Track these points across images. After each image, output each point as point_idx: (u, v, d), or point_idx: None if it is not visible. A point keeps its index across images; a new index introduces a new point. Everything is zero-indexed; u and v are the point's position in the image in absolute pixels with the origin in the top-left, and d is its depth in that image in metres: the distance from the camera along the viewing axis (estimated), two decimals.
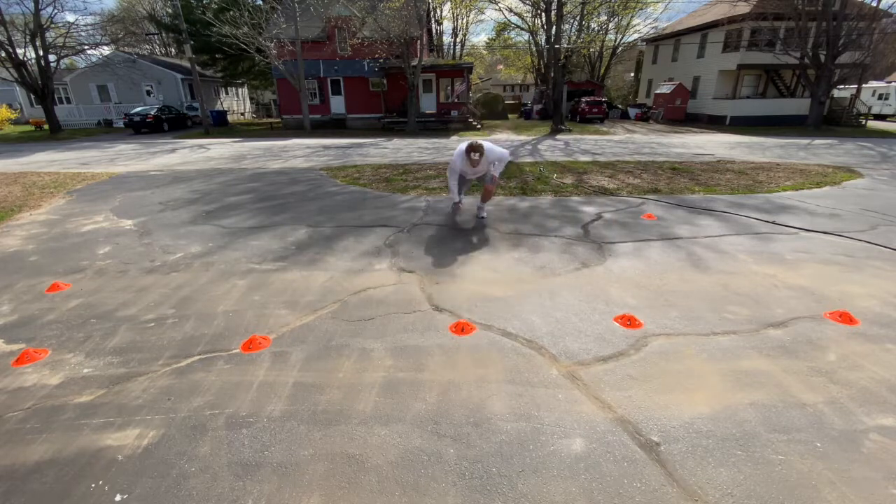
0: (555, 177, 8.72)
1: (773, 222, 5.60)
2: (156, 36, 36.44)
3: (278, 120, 27.31)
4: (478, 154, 5.07)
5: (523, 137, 17.74)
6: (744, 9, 21.68)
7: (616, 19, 30.59)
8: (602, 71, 36.71)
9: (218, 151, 14.13)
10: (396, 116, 22.11)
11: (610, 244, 4.78)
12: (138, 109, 22.40)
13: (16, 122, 27.84)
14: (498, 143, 6.02)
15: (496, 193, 7.23)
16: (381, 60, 21.27)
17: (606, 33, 32.78)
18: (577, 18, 23.78)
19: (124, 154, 13.65)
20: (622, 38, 35.17)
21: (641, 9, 27.82)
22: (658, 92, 27.32)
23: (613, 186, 7.79)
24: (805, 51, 19.89)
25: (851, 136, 18.43)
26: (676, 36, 28.71)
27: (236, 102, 36.36)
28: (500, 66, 49.40)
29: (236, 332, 3.03)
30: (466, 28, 40.38)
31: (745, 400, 2.33)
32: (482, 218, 5.76)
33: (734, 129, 21.65)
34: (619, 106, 32.59)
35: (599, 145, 14.91)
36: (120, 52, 25.43)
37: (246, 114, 37.54)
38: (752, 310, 3.29)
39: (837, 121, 22.57)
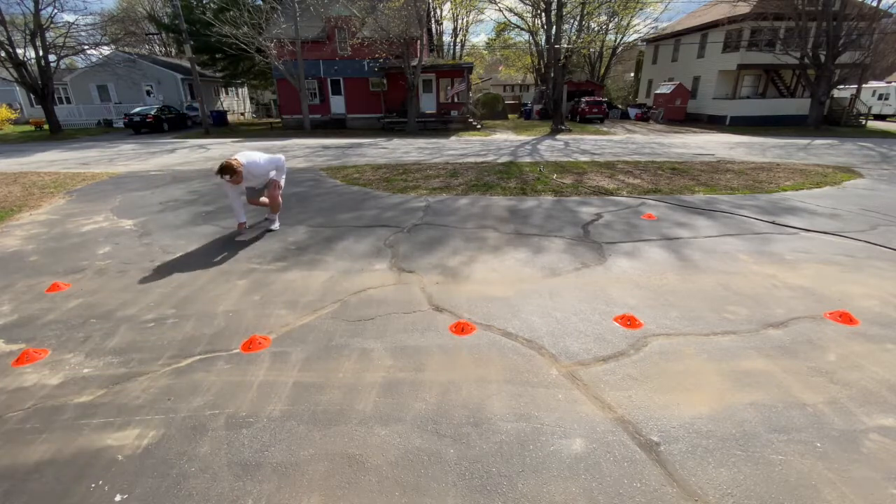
0: (555, 177, 8.72)
1: (773, 222, 5.60)
2: (156, 36, 36.44)
3: (278, 120, 27.30)
4: (227, 176, 4.53)
5: (523, 137, 17.74)
6: (744, 9, 21.69)
7: (616, 19, 30.56)
8: (602, 71, 36.71)
9: (218, 151, 14.12)
10: (396, 116, 22.09)
11: (610, 244, 4.78)
12: (138, 109, 22.39)
13: (16, 122, 27.83)
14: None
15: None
16: (381, 60, 21.26)
17: (606, 33, 32.75)
18: (577, 18, 23.79)
19: (124, 154, 13.64)
20: (622, 38, 35.16)
21: (641, 9, 27.79)
22: (658, 92, 27.32)
23: (613, 186, 7.79)
24: (805, 51, 19.90)
25: (851, 136, 18.43)
26: (676, 36, 28.72)
27: (236, 102, 36.34)
28: (501, 67, 49.37)
29: (236, 332, 3.03)
30: (466, 28, 40.41)
31: (745, 400, 2.33)
32: (271, 230, 5.24)
33: (734, 129, 21.65)
34: (619, 106, 32.58)
35: (599, 145, 14.91)
36: (120, 52, 25.42)
37: (246, 114, 37.53)
38: (752, 310, 3.29)
39: (837, 121, 22.56)
